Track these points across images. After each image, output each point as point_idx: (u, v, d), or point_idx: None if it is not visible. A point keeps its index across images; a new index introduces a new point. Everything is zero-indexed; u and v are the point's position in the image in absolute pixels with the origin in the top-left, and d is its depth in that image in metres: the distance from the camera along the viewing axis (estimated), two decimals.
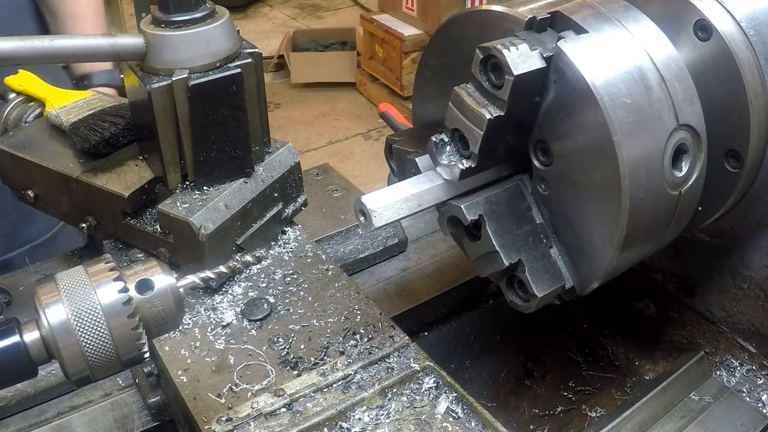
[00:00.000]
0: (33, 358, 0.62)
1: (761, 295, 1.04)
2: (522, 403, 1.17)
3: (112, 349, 0.62)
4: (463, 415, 0.85)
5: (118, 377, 1.05)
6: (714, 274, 1.10)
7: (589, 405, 1.16)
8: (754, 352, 1.07)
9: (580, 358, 1.23)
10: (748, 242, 1.04)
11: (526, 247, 0.86)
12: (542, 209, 0.88)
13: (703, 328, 1.13)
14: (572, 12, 0.81)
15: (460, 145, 0.84)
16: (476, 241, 0.87)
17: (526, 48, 0.76)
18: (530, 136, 0.85)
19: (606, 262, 0.82)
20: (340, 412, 0.85)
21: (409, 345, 0.94)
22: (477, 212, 0.85)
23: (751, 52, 0.86)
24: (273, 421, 0.84)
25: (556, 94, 0.79)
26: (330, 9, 7.38)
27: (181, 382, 0.89)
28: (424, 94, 1.02)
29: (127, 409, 1.02)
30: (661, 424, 0.95)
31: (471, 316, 1.26)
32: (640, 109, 0.77)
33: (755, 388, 1.05)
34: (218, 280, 1.00)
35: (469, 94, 0.80)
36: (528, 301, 0.87)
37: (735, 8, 0.86)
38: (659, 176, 0.80)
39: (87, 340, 0.60)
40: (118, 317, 0.61)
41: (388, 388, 0.88)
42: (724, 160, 0.89)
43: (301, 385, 0.88)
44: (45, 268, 1.16)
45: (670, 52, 0.82)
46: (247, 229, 1.04)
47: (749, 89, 0.85)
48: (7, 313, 1.06)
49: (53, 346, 0.61)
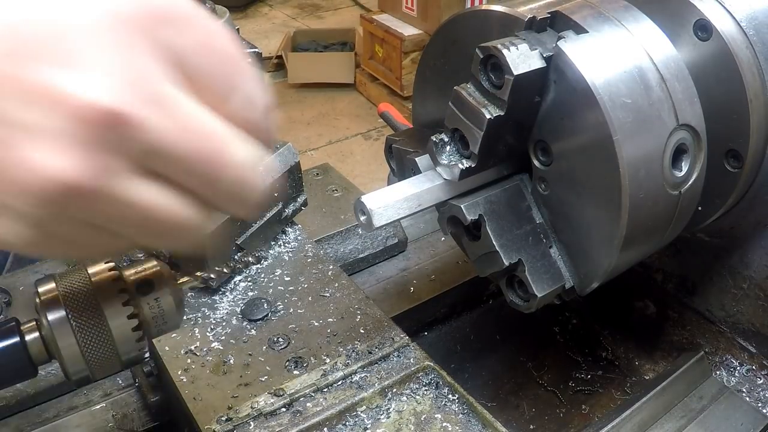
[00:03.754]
0: (33, 358, 0.62)
1: (761, 295, 1.04)
2: (522, 403, 1.17)
3: (112, 349, 0.62)
4: (463, 415, 0.85)
5: (118, 377, 1.05)
6: (714, 274, 1.10)
7: (589, 405, 1.16)
8: (754, 352, 1.07)
9: (580, 358, 1.23)
10: (748, 242, 1.04)
11: (526, 247, 0.86)
12: (542, 209, 0.88)
13: (703, 328, 1.13)
14: (572, 12, 0.81)
15: (460, 145, 0.84)
16: (476, 241, 0.87)
17: (526, 48, 0.76)
18: (530, 136, 0.85)
19: (606, 261, 0.82)
20: (340, 412, 0.85)
21: (409, 345, 0.94)
22: (477, 212, 0.85)
23: (751, 52, 0.86)
24: (273, 421, 0.84)
25: (556, 94, 0.79)
26: (330, 9, 7.38)
27: (181, 382, 0.89)
28: (424, 94, 1.02)
29: (127, 409, 1.02)
30: (661, 424, 0.95)
31: (471, 316, 1.26)
32: (640, 109, 0.77)
33: (755, 388, 1.05)
34: (218, 280, 1.00)
35: (469, 94, 0.80)
36: (528, 301, 0.87)
37: (735, 8, 0.86)
38: (659, 176, 0.80)
39: (87, 340, 0.60)
40: (118, 317, 0.61)
41: (388, 388, 0.88)
42: (724, 160, 0.89)
43: (301, 385, 0.88)
44: (45, 268, 1.15)
45: (670, 52, 0.82)
46: (247, 229, 1.04)
47: (749, 89, 0.85)
48: (7, 313, 1.06)
49: (53, 346, 0.61)
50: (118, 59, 0.41)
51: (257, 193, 0.51)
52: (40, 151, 0.39)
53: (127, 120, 0.40)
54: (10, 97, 0.39)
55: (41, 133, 0.39)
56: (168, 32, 0.43)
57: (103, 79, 0.40)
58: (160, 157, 0.43)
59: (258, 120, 0.49)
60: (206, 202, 0.49)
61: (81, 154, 0.40)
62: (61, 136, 0.40)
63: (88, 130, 0.40)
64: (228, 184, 0.48)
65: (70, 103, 0.39)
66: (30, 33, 0.40)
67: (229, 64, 0.47)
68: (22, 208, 0.41)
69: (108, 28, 0.41)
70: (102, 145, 0.41)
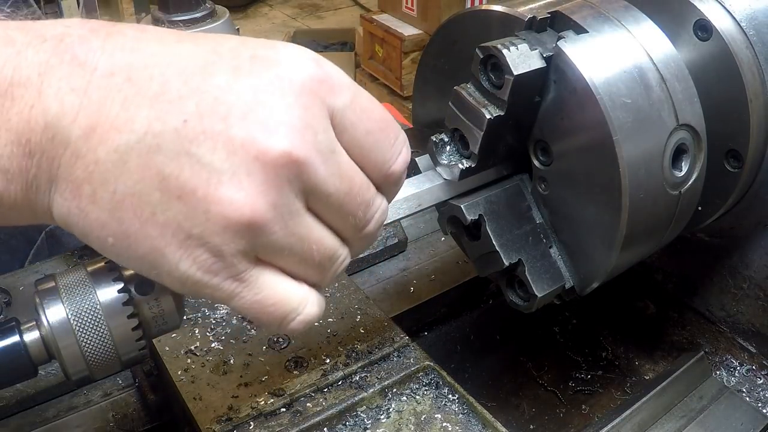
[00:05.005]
0: (33, 358, 0.62)
1: (761, 295, 1.04)
2: (522, 403, 1.17)
3: (112, 349, 0.62)
4: (463, 415, 0.85)
5: (118, 377, 1.05)
6: (714, 274, 1.10)
7: (589, 405, 1.16)
8: (754, 352, 1.07)
9: (580, 358, 1.23)
10: (748, 242, 1.04)
11: (526, 247, 0.86)
12: (542, 209, 0.88)
13: (703, 328, 1.13)
14: (572, 12, 0.82)
15: (460, 145, 0.84)
16: (476, 241, 0.87)
17: (526, 48, 0.76)
18: (530, 136, 0.85)
19: (606, 262, 0.82)
20: (340, 412, 0.85)
21: (409, 345, 0.94)
22: (477, 212, 0.85)
23: (751, 52, 0.86)
24: (273, 421, 0.84)
25: (556, 94, 0.79)
26: (330, 9, 7.37)
27: (181, 382, 0.89)
28: (424, 94, 1.02)
29: (127, 409, 1.02)
30: (661, 424, 0.95)
31: (471, 316, 1.26)
32: (640, 109, 0.77)
33: (755, 388, 1.05)
34: None
35: (469, 94, 0.80)
36: (528, 301, 0.87)
37: (735, 8, 0.86)
38: (659, 176, 0.80)
39: (87, 340, 0.60)
40: (118, 317, 0.61)
41: (388, 388, 0.88)
42: (724, 160, 0.89)
43: (301, 385, 0.88)
44: (45, 268, 1.15)
45: (670, 52, 0.82)
46: None
47: (749, 89, 0.85)
48: (7, 313, 1.06)
49: (53, 346, 0.61)
50: (297, 117, 0.51)
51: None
52: (234, 190, 0.50)
53: (302, 161, 0.51)
54: (216, 148, 0.49)
55: (237, 176, 0.50)
56: (329, 95, 0.53)
57: (287, 133, 0.50)
58: (321, 198, 0.54)
59: (395, 173, 0.59)
60: (348, 241, 0.59)
61: (266, 191, 0.50)
62: (252, 178, 0.50)
63: (274, 172, 0.50)
64: (368, 230, 0.59)
65: (264, 153, 0.50)
66: (232, 96, 0.50)
67: (376, 121, 0.57)
68: (213, 239, 0.51)
69: (288, 92, 0.51)
70: (281, 183, 0.51)
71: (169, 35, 0.53)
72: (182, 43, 0.53)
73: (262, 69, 0.52)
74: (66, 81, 0.49)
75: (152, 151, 0.49)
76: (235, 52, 0.53)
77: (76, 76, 0.49)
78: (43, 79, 0.49)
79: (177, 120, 0.50)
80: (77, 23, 0.52)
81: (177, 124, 0.50)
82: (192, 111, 0.50)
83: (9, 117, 0.48)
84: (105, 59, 0.50)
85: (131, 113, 0.49)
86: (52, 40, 0.50)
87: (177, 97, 0.50)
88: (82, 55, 0.50)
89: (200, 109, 0.50)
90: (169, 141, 0.49)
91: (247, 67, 0.52)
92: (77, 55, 0.50)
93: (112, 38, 0.51)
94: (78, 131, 0.49)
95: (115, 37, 0.51)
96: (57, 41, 0.50)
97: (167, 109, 0.50)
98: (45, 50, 0.49)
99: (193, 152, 0.50)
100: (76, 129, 0.49)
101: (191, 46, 0.53)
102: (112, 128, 0.49)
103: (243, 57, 0.53)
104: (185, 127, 0.50)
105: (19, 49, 0.49)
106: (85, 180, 0.50)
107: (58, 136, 0.49)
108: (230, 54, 0.53)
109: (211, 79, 0.51)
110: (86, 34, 0.51)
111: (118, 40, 0.51)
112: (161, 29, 0.55)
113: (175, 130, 0.50)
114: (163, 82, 0.50)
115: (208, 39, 0.54)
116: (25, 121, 0.48)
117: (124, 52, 0.51)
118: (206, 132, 0.50)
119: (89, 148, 0.49)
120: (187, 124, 0.50)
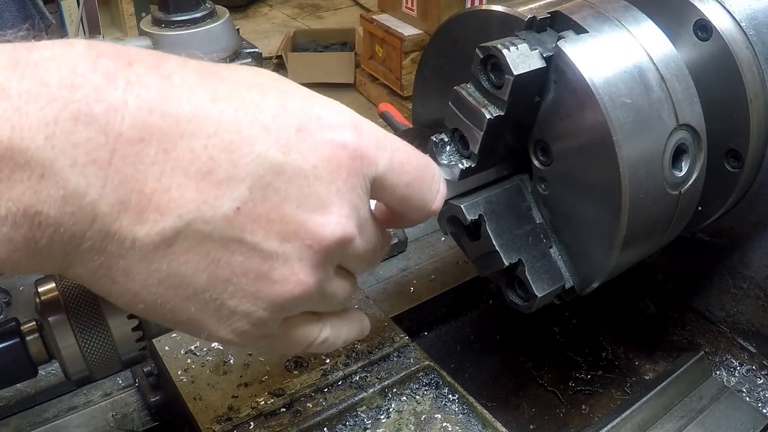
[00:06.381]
0: (33, 358, 0.62)
1: (761, 295, 1.04)
2: (522, 403, 1.17)
3: (112, 349, 0.62)
4: (463, 415, 0.85)
5: (118, 377, 1.05)
6: (714, 274, 1.10)
7: (589, 405, 1.16)
8: (754, 352, 1.07)
9: (580, 358, 1.23)
10: (748, 242, 1.04)
11: (526, 247, 0.86)
12: (542, 209, 0.88)
13: (703, 328, 1.13)
14: (572, 12, 0.81)
15: (460, 145, 0.84)
16: (476, 241, 0.87)
17: (526, 48, 0.76)
18: (530, 136, 0.85)
19: (606, 262, 0.82)
20: (340, 412, 0.85)
21: (409, 345, 0.94)
22: (477, 212, 0.85)
23: (751, 52, 0.86)
24: (273, 421, 0.84)
25: (556, 94, 0.79)
26: (330, 9, 7.37)
27: (181, 382, 0.89)
28: (424, 94, 1.02)
29: (127, 409, 1.02)
30: (661, 424, 0.95)
31: (471, 316, 1.26)
32: (640, 109, 0.77)
33: (755, 388, 1.05)
34: None
35: (469, 94, 0.80)
36: (528, 301, 0.87)
37: (735, 8, 0.86)
38: (659, 176, 0.80)
39: (87, 340, 0.60)
40: (118, 317, 0.61)
41: (388, 388, 0.88)
42: (724, 160, 0.89)
43: (301, 385, 0.88)
44: None
45: (670, 52, 0.82)
46: None
47: (749, 89, 0.85)
48: (7, 313, 1.06)
49: (53, 346, 0.61)
50: (347, 202, 0.52)
51: None
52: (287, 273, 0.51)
53: (348, 242, 0.53)
54: (269, 236, 0.49)
55: (289, 261, 0.51)
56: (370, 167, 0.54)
57: (339, 221, 0.52)
58: (350, 259, 0.56)
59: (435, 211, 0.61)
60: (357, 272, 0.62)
61: (315, 272, 0.52)
62: (303, 263, 0.51)
63: (323, 255, 0.52)
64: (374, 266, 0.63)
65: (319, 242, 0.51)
66: (284, 183, 0.49)
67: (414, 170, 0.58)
68: (258, 314, 0.52)
69: (336, 174, 0.51)
70: (327, 263, 0.53)
71: (200, 89, 0.48)
72: (217, 103, 0.48)
73: (309, 149, 0.50)
74: (84, 149, 0.42)
75: (202, 238, 0.47)
76: (280, 122, 0.50)
77: (96, 144, 0.43)
78: (54, 144, 0.42)
79: (229, 207, 0.47)
80: (85, 61, 0.44)
81: (229, 212, 0.47)
82: (245, 197, 0.47)
83: (10, 186, 0.41)
84: (129, 121, 0.44)
85: (173, 193, 0.45)
86: (59, 91, 0.42)
87: (226, 179, 0.47)
88: (101, 117, 0.43)
89: (254, 195, 0.48)
90: (221, 228, 0.47)
91: (295, 145, 0.50)
92: (95, 116, 0.43)
93: (132, 89, 0.44)
94: (106, 207, 0.44)
95: (136, 89, 0.45)
96: (66, 93, 0.42)
97: (216, 193, 0.47)
98: (52, 107, 0.42)
99: (246, 240, 0.48)
100: (104, 205, 0.44)
101: (229, 110, 0.48)
102: (153, 209, 0.45)
103: (290, 129, 0.50)
104: (238, 214, 0.47)
105: (16, 103, 0.41)
106: (119, 256, 0.46)
107: (82, 210, 0.43)
108: (275, 124, 0.49)
109: (259, 160, 0.48)
110: (102, 84, 0.43)
111: (143, 95, 0.45)
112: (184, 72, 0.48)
113: (226, 217, 0.47)
114: (207, 159, 0.46)
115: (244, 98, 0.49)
116: (33, 191, 0.42)
117: (152, 114, 0.45)
118: (260, 220, 0.48)
119: (123, 225, 0.45)
120: (240, 212, 0.47)
